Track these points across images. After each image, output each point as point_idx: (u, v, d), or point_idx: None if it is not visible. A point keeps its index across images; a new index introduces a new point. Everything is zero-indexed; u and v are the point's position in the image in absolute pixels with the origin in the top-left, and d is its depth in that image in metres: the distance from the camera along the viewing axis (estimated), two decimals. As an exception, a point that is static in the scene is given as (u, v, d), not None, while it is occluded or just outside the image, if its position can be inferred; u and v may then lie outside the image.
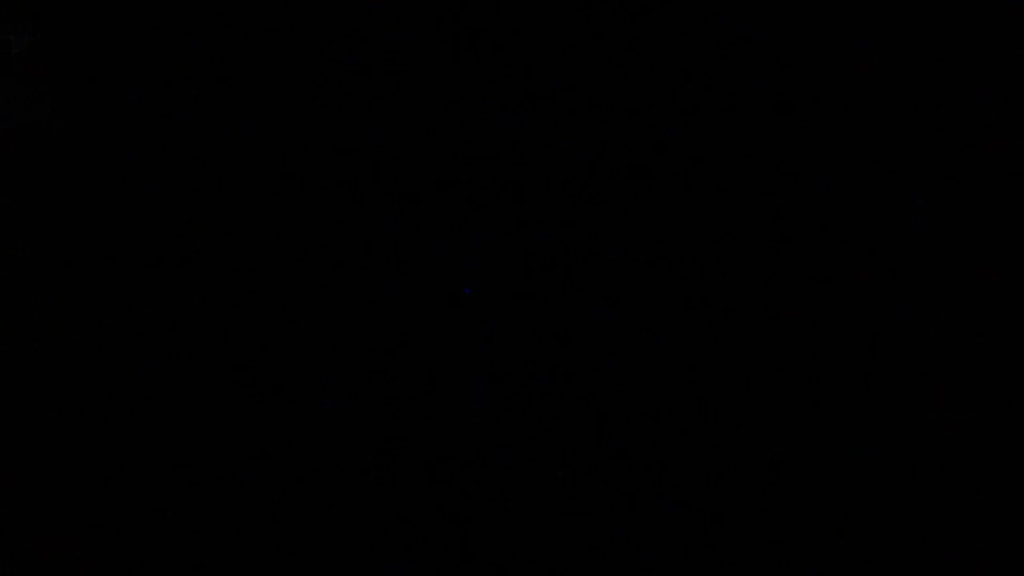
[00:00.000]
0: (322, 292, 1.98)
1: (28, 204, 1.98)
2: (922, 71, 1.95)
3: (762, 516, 1.91)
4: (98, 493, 1.93)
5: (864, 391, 1.92)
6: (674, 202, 1.98)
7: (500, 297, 1.99)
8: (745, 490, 1.92)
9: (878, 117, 1.96)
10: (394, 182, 2.00)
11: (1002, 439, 1.89)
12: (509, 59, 2.00)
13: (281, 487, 1.94)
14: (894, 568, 1.88)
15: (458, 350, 1.98)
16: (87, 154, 1.99)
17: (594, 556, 1.92)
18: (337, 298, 1.99)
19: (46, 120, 1.99)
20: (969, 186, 1.94)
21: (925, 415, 1.91)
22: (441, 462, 1.96)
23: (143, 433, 1.95)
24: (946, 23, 1.95)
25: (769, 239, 1.96)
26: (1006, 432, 1.89)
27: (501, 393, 1.97)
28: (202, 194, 1.99)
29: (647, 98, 1.99)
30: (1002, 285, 1.91)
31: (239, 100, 2.01)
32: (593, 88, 2.00)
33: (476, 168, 2.00)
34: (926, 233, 1.94)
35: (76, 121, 2.00)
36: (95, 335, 1.96)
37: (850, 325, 1.94)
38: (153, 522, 1.93)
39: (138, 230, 1.99)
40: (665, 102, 1.99)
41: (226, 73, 2.01)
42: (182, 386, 1.96)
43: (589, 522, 1.93)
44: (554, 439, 1.96)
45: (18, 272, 1.96)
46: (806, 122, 1.97)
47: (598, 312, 1.97)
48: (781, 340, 1.95)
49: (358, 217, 2.00)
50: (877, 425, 1.92)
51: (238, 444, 1.95)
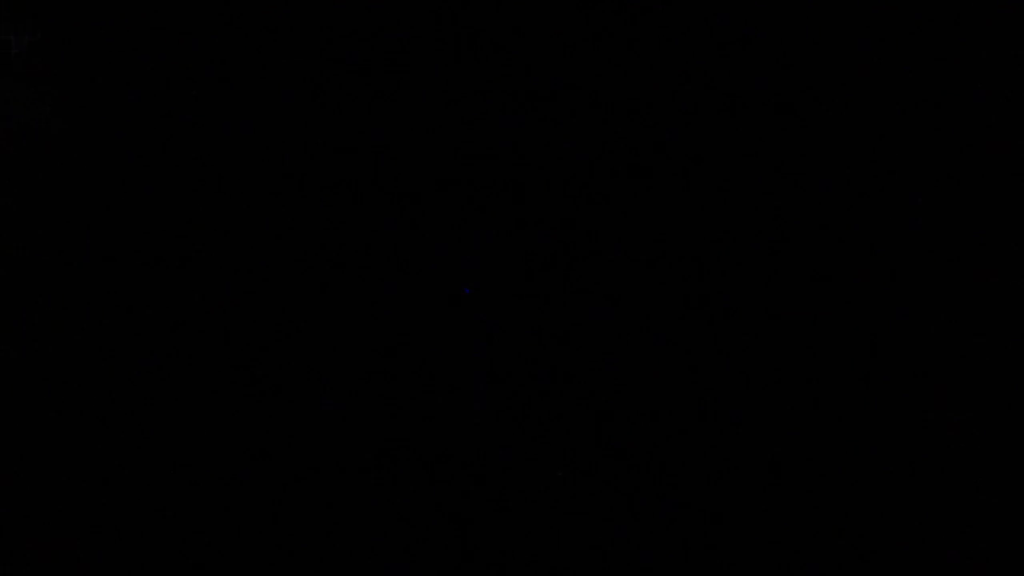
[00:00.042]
0: (322, 292, 1.98)
1: (28, 204, 1.98)
2: (922, 71, 1.95)
3: (762, 516, 1.91)
4: (98, 493, 1.93)
5: (864, 391, 1.92)
6: (674, 202, 1.98)
7: (500, 297, 1.99)
8: (745, 490, 1.92)
9: (878, 117, 1.96)
10: (394, 182, 2.00)
11: (1002, 439, 1.89)
12: (509, 59, 2.00)
13: (281, 487, 1.94)
14: (894, 568, 1.88)
15: (458, 350, 1.98)
16: (87, 154, 1.99)
17: (594, 556, 1.92)
18: (337, 298, 1.99)
19: (46, 120, 1.99)
20: (969, 186, 1.94)
21: (925, 415, 1.91)
22: (441, 462, 1.96)
23: (143, 433, 1.95)
24: (946, 23, 1.95)
25: (769, 239, 1.96)
26: (1006, 432, 1.89)
27: (501, 393, 1.97)
28: (202, 194, 1.99)
29: (647, 98, 1.99)
30: (1002, 285, 1.91)
31: (239, 100, 2.01)
32: (593, 88, 2.00)
33: (476, 168, 2.00)
34: (926, 233, 1.94)
35: (76, 121, 2.00)
36: (95, 335, 1.96)
37: (850, 325, 1.94)
38: (153, 522, 1.93)
39: (138, 230, 1.99)
40: (665, 102, 1.99)
41: (226, 73, 2.01)
42: (182, 386, 1.96)
43: (589, 522, 1.93)
44: (554, 439, 1.96)
45: (18, 272, 1.96)
46: (806, 122, 1.97)
47: (598, 312, 1.97)
48: (781, 340, 1.95)
49: (358, 217, 2.00)
50: (877, 425, 1.92)
51: (238, 444, 1.95)
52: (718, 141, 1.98)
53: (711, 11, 1.98)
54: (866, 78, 1.96)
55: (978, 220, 1.93)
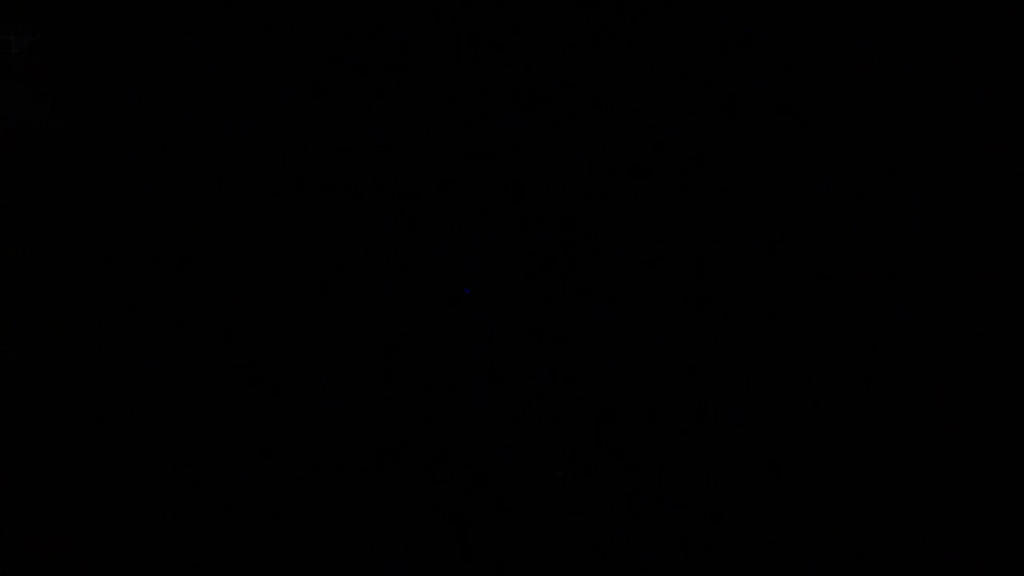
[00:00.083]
0: (322, 292, 1.98)
1: (28, 204, 1.98)
2: (922, 71, 1.95)
3: (762, 516, 1.91)
4: (98, 493, 1.93)
5: (864, 391, 1.92)
6: (674, 202, 1.98)
7: (500, 297, 1.99)
8: (745, 490, 1.92)
9: (878, 117, 1.96)
10: (394, 182, 2.00)
11: (1002, 439, 1.89)
12: (509, 59, 2.00)
13: (281, 487, 1.94)
14: (894, 568, 1.88)
15: (458, 350, 1.98)
16: (87, 154, 1.99)
17: (594, 556, 1.92)
18: (337, 298, 1.99)
19: (46, 120, 1.99)
20: (969, 186, 1.94)
21: (925, 415, 1.91)
22: (441, 462, 1.96)
23: (143, 433, 1.95)
24: (946, 23, 1.95)
25: (769, 239, 1.96)
26: (1006, 432, 1.89)
27: (501, 393, 1.97)
28: (202, 194, 1.99)
29: (647, 98, 1.99)
30: (1002, 285, 1.91)
31: (239, 100, 2.01)
32: (593, 88, 2.00)
33: (476, 168, 2.00)
34: (926, 233, 1.94)
35: (76, 121, 2.00)
36: (95, 335, 1.96)
37: (850, 325, 1.94)
38: (153, 522, 1.93)
39: (138, 230, 1.99)
40: (665, 102, 1.99)
41: (226, 73, 2.01)
42: (182, 386, 1.96)
43: (589, 522, 1.93)
44: (554, 439, 1.96)
45: (18, 272, 1.96)
46: (806, 122, 1.97)
47: (598, 312, 1.97)
48: (781, 340, 1.95)
49: (358, 217, 2.00)
50: (877, 425, 1.92)
51: (238, 444, 1.95)
52: (718, 141, 1.98)
53: (711, 11, 1.98)
54: (866, 78, 1.96)
55: (978, 220, 1.93)
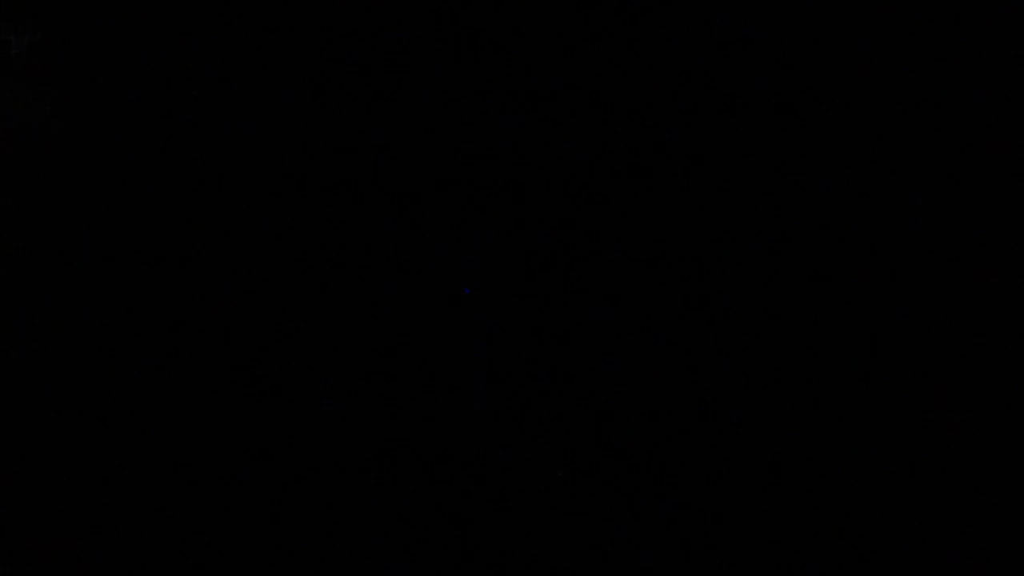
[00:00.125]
0: (322, 292, 1.98)
1: (28, 204, 1.98)
2: (922, 71, 1.95)
3: (762, 516, 1.91)
4: (98, 493, 1.93)
5: (864, 391, 1.92)
6: (674, 202, 1.98)
7: (500, 297, 1.99)
8: (745, 490, 1.92)
9: (878, 117, 1.96)
10: (394, 182, 2.00)
11: (1002, 439, 1.89)
12: (509, 59, 2.00)
13: (281, 487, 1.94)
14: (894, 568, 1.88)
15: (458, 350, 1.98)
16: (87, 154, 1.99)
17: (594, 556, 1.92)
18: (337, 298, 1.99)
19: (46, 120, 1.99)
20: (969, 186, 1.94)
21: (925, 415, 1.91)
22: (441, 462, 1.96)
23: (143, 433, 1.95)
24: (946, 23, 1.95)
25: (769, 239, 1.96)
26: (1006, 432, 1.89)
27: (501, 393, 1.97)
28: (202, 194, 1.99)
29: (647, 98, 1.99)
30: (1002, 285, 1.91)
31: (239, 100, 2.01)
32: (593, 88, 2.00)
33: (476, 168, 2.00)
34: (926, 233, 1.94)
35: (76, 121, 2.00)
36: (95, 335, 1.96)
37: (850, 325, 1.94)
38: (153, 522, 1.93)
39: (138, 230, 1.99)
40: (665, 102, 1.99)
41: (226, 73, 2.01)
42: (182, 386, 1.96)
43: (589, 522, 1.93)
44: (554, 439, 1.96)
45: (18, 272, 1.96)
46: (806, 122, 1.97)
47: (598, 312, 1.97)
48: (781, 340, 1.95)
49: (358, 217, 2.00)
50: (877, 425, 1.92)
51: (238, 444, 1.95)
52: (718, 141, 1.98)
53: (711, 11, 1.98)
54: (866, 78, 1.96)
55: (978, 220, 1.93)
